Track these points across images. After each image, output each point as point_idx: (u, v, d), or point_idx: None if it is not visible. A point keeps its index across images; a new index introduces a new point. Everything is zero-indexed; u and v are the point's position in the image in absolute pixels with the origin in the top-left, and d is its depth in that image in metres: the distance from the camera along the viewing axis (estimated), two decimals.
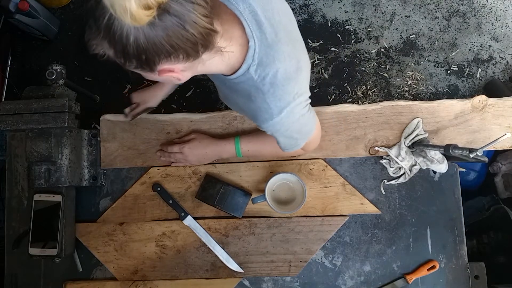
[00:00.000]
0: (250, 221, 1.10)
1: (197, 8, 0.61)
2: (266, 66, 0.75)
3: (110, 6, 0.56)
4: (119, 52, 0.63)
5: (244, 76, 0.77)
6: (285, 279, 1.10)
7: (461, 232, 1.09)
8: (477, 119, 1.10)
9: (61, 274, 1.12)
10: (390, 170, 1.09)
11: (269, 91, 0.76)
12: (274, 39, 0.75)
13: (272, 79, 0.76)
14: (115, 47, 0.62)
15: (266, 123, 0.81)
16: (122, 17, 0.56)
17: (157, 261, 1.11)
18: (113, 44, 0.62)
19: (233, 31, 0.73)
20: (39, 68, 2.05)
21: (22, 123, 1.01)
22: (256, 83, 0.76)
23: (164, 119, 1.14)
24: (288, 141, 0.89)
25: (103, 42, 0.63)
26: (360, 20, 2.06)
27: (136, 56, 0.63)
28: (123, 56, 0.63)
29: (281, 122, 0.80)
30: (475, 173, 1.54)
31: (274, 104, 0.78)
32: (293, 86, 0.78)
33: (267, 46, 0.75)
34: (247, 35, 0.74)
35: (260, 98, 0.78)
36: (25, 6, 1.73)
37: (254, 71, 0.75)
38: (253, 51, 0.74)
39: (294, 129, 0.84)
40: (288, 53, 0.77)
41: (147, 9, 0.56)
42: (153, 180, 1.12)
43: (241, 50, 0.75)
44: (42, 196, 1.04)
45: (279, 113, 0.79)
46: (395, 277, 1.09)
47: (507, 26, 2.04)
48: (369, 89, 2.02)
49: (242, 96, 0.83)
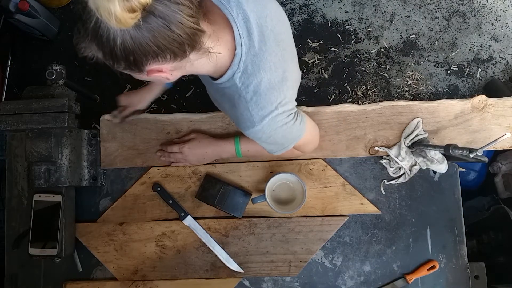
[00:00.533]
0: (250, 221, 1.10)
1: (182, 8, 0.61)
2: (251, 74, 0.75)
3: (96, 10, 0.57)
4: (107, 54, 0.64)
5: (229, 82, 0.77)
6: (285, 279, 1.10)
7: (461, 232, 1.09)
8: (477, 119, 1.10)
9: (61, 274, 1.12)
10: (390, 170, 1.09)
11: (252, 99, 0.77)
12: (262, 49, 0.76)
13: (255, 87, 0.76)
14: (103, 50, 0.63)
15: (248, 130, 0.81)
16: (108, 21, 0.57)
17: (157, 261, 1.11)
18: (101, 46, 0.63)
19: (223, 35, 0.74)
20: (39, 68, 2.05)
21: (22, 123, 1.01)
22: (240, 91, 0.77)
23: (164, 119, 1.14)
24: (272, 147, 0.90)
25: (92, 45, 0.64)
26: (360, 20, 2.06)
27: (124, 58, 0.64)
28: (111, 58, 0.64)
29: (262, 130, 0.80)
30: (475, 173, 1.54)
31: (256, 112, 0.78)
32: (276, 96, 0.78)
33: (253, 55, 0.75)
34: (236, 41, 0.74)
35: (243, 106, 0.78)
36: (25, 6, 1.73)
37: (238, 78, 0.76)
38: (239, 58, 0.75)
39: (276, 136, 0.84)
40: (274, 63, 0.77)
41: (132, 12, 0.57)
42: (153, 180, 1.12)
43: (229, 55, 0.75)
44: (42, 196, 1.04)
45: (260, 121, 0.79)
46: (395, 277, 1.09)
47: (507, 26, 2.04)
48: (369, 89, 2.02)
49: (227, 101, 0.83)
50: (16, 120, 1.01)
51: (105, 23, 0.59)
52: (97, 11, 0.57)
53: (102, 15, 0.57)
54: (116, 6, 0.55)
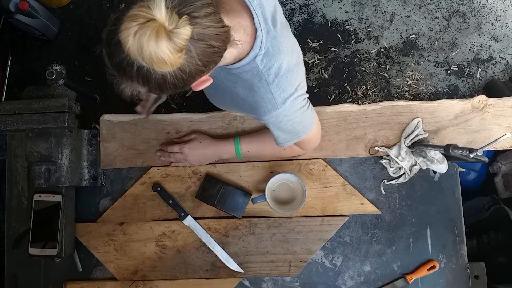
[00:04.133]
0: (250, 221, 1.10)
1: (212, 18, 0.61)
2: (272, 57, 0.77)
3: (142, 59, 0.57)
4: (154, 89, 0.64)
5: (249, 65, 0.78)
6: (285, 279, 1.10)
7: (461, 232, 1.09)
8: (477, 119, 1.10)
9: (61, 274, 1.12)
10: (390, 170, 1.09)
11: (274, 81, 0.78)
12: (278, 32, 0.78)
13: (277, 70, 0.77)
14: (150, 87, 0.63)
15: (269, 113, 0.82)
16: (158, 68, 0.58)
17: (157, 261, 1.11)
18: (148, 84, 0.62)
19: (242, 20, 0.74)
20: (39, 68, 2.05)
21: (22, 123, 1.01)
22: (261, 73, 0.78)
23: (164, 119, 1.14)
24: (286, 136, 0.90)
25: (136, 85, 0.64)
26: (360, 20, 2.06)
27: (174, 86, 0.64)
28: (159, 90, 0.64)
29: (284, 112, 0.81)
30: (475, 173, 1.54)
31: (278, 94, 0.79)
32: (295, 78, 0.81)
33: (273, 38, 0.77)
34: (255, 24, 0.75)
35: (264, 88, 0.79)
36: (25, 6, 1.74)
37: (260, 61, 0.76)
38: (260, 40, 0.75)
39: (295, 121, 0.85)
40: (289, 47, 0.80)
41: (180, 52, 0.57)
42: (153, 180, 1.12)
43: (249, 39, 0.76)
44: (42, 196, 1.04)
45: (282, 104, 0.80)
46: (395, 277, 1.09)
47: (507, 26, 2.04)
48: (369, 89, 2.02)
49: (243, 87, 0.83)
50: (16, 120, 1.01)
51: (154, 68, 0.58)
52: (145, 60, 0.57)
53: (154, 63, 0.57)
54: (167, 53, 0.56)
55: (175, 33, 0.56)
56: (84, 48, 2.08)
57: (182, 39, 0.57)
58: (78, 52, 2.08)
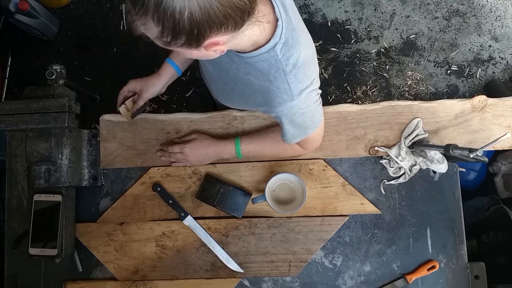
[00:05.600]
0: (250, 221, 1.10)
1: None
2: (291, 47, 0.77)
3: None
4: (168, 29, 0.61)
5: (268, 54, 0.77)
6: (285, 279, 1.10)
7: (461, 232, 1.09)
8: (477, 119, 1.10)
9: (61, 274, 1.12)
10: (390, 170, 1.09)
11: (292, 71, 0.78)
12: (298, 24, 0.79)
13: (295, 60, 0.78)
14: (164, 25, 0.60)
15: (284, 104, 0.81)
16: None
17: (157, 261, 1.11)
18: (162, 21, 0.59)
19: (263, 7, 0.74)
20: (39, 68, 2.05)
21: (22, 123, 1.01)
22: (279, 63, 0.77)
23: (164, 119, 1.14)
24: (296, 131, 0.89)
25: (149, 21, 0.60)
26: (360, 20, 2.06)
27: (188, 32, 0.61)
28: (172, 33, 0.61)
29: (299, 104, 0.81)
30: (475, 173, 1.54)
31: (295, 85, 0.79)
32: (311, 71, 0.81)
33: (292, 29, 0.77)
34: (276, 14, 0.75)
35: (281, 78, 0.79)
36: (25, 6, 1.74)
37: (279, 50, 0.76)
38: (280, 29, 0.75)
39: (308, 114, 0.85)
40: (307, 40, 0.81)
41: None
42: (153, 180, 1.12)
43: (270, 27, 0.76)
44: (42, 196, 1.04)
45: (298, 95, 0.80)
46: (395, 277, 1.09)
47: (507, 26, 2.04)
48: (369, 89, 2.02)
49: (257, 77, 0.82)
50: (16, 120, 1.01)
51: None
52: None
53: None
54: None
55: None
56: (84, 48, 2.08)
57: None
58: (78, 52, 2.08)
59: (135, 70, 2.05)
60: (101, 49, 2.08)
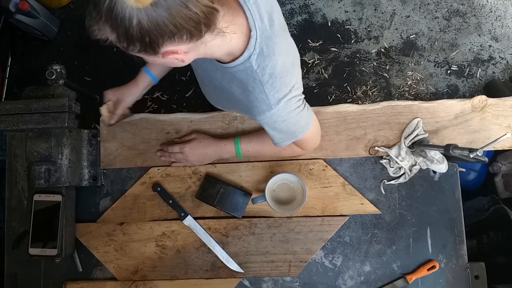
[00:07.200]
0: (250, 221, 1.10)
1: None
2: (266, 57, 0.76)
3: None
4: (122, 36, 0.62)
5: (244, 65, 0.77)
6: (285, 279, 1.10)
7: (461, 232, 1.09)
8: (477, 119, 1.10)
9: (61, 274, 1.12)
10: (390, 170, 1.09)
11: (268, 81, 0.78)
12: (274, 32, 0.77)
13: (271, 70, 0.77)
14: (118, 31, 0.61)
15: (263, 114, 0.81)
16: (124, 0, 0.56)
17: (157, 261, 1.11)
18: (116, 27, 0.61)
19: (236, 17, 0.74)
20: (39, 68, 2.05)
21: (22, 123, 1.01)
22: (255, 73, 0.77)
23: (164, 119, 1.14)
24: (282, 135, 0.90)
25: (105, 26, 0.62)
26: (360, 20, 2.06)
27: (140, 39, 0.62)
28: (126, 39, 0.62)
29: (278, 113, 0.81)
30: (475, 173, 1.54)
31: (272, 95, 0.79)
32: (290, 79, 0.80)
33: (267, 38, 0.76)
34: (250, 24, 0.75)
35: (258, 89, 0.79)
36: (25, 6, 1.74)
37: (254, 60, 0.76)
38: (254, 40, 0.75)
39: (290, 121, 0.85)
40: (285, 47, 0.80)
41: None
42: (153, 180, 1.12)
43: (243, 38, 0.76)
44: (42, 196, 1.04)
45: (276, 104, 0.80)
46: (395, 277, 1.09)
47: (507, 26, 2.04)
48: (369, 89, 2.02)
49: (238, 87, 0.83)
50: (16, 120, 1.01)
51: (121, 2, 0.58)
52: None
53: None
54: None
55: None
56: (84, 48, 2.08)
57: None
58: (78, 52, 2.08)
59: (135, 70, 2.05)
60: (101, 49, 2.07)
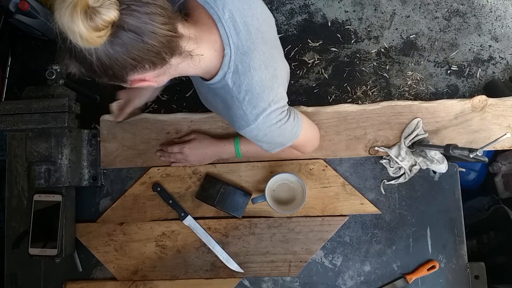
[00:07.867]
0: (250, 221, 1.10)
1: (153, 18, 0.61)
2: (242, 74, 0.75)
3: (64, 31, 0.57)
4: (88, 70, 0.64)
5: (221, 83, 0.77)
6: (285, 279, 1.10)
7: (461, 232, 1.09)
8: (477, 119, 1.10)
9: (61, 274, 1.12)
10: (390, 170, 1.09)
11: (245, 99, 0.77)
12: (250, 47, 0.76)
13: (247, 87, 0.76)
14: (83, 66, 0.64)
15: (243, 129, 0.81)
16: (76, 42, 0.58)
17: (157, 261, 1.11)
18: (80, 63, 0.63)
19: (208, 35, 0.74)
20: (39, 68, 2.05)
21: (22, 123, 1.01)
22: (232, 91, 0.77)
23: (164, 119, 1.14)
24: (269, 145, 0.89)
25: (72, 61, 0.64)
26: (360, 20, 2.06)
27: (104, 73, 0.64)
28: (92, 73, 0.65)
29: (258, 128, 0.80)
30: (475, 173, 1.54)
31: (250, 111, 0.78)
32: (268, 93, 0.78)
33: (243, 54, 0.75)
34: (223, 41, 0.74)
35: (236, 105, 0.78)
36: (25, 6, 1.73)
37: (230, 79, 0.76)
38: (228, 58, 0.75)
39: (272, 134, 0.83)
40: (264, 61, 0.77)
41: (98, 31, 0.57)
42: (153, 180, 1.12)
43: (217, 55, 0.75)
44: (42, 196, 1.04)
45: (254, 120, 0.79)
46: (395, 277, 1.09)
47: (507, 26, 2.04)
48: (369, 89, 2.02)
49: (220, 101, 0.84)
50: (16, 120, 1.01)
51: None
52: (66, 32, 0.57)
53: (70, 36, 0.57)
54: (80, 27, 0.55)
55: (95, 11, 0.56)
56: None
57: (102, 19, 0.56)
58: None
59: None
60: None
